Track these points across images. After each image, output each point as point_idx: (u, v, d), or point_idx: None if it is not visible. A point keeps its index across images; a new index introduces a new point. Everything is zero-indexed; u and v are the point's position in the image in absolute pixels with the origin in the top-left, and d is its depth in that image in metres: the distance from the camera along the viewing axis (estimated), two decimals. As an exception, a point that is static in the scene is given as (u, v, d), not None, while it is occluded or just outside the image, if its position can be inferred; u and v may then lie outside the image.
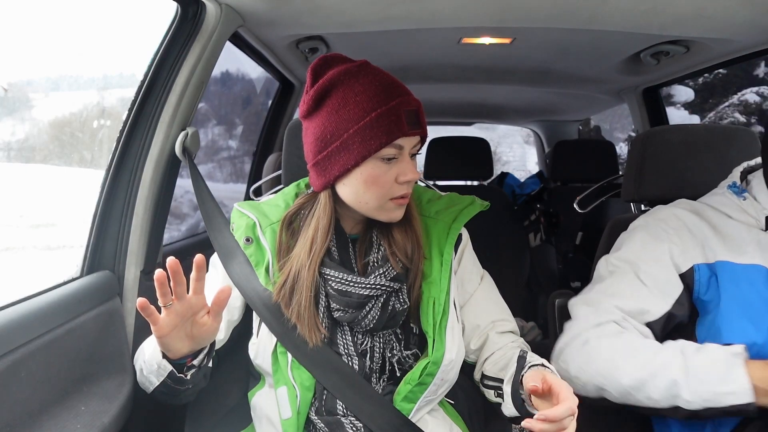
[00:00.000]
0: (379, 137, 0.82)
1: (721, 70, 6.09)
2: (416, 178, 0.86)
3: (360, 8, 1.28)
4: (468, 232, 1.03)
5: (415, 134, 0.85)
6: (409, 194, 0.89)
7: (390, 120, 0.82)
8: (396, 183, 0.86)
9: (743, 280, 0.92)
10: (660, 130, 1.25)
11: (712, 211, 1.01)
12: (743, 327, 0.89)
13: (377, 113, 0.82)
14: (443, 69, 2.06)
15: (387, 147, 0.83)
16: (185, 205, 2.65)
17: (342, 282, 0.88)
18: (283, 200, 0.98)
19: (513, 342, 0.98)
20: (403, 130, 0.82)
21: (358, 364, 0.90)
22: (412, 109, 0.84)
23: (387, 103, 0.82)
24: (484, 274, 1.04)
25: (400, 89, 0.86)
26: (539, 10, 1.28)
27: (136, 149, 1.16)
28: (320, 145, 0.86)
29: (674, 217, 1.01)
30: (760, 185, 0.99)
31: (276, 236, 0.93)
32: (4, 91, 2.16)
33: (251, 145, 2.75)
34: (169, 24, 1.16)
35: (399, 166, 0.85)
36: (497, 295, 1.03)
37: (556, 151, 2.72)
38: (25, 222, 2.63)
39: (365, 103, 0.82)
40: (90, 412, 0.93)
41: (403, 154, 0.85)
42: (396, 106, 0.82)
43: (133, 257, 1.15)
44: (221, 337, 0.95)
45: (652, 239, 1.00)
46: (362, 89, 0.83)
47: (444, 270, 0.92)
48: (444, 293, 0.91)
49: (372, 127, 0.82)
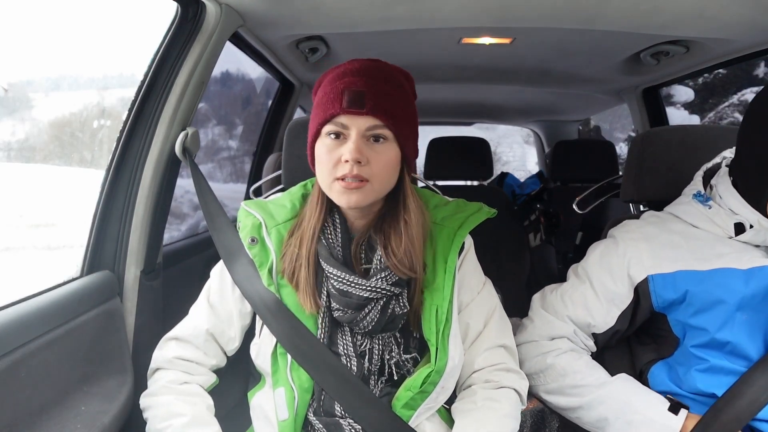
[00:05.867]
0: (319, 115, 0.86)
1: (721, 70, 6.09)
2: (353, 157, 0.82)
3: (360, 8, 1.28)
4: (469, 233, 1.02)
5: (356, 113, 0.83)
6: (361, 180, 0.84)
7: (329, 98, 0.85)
8: (341, 163, 0.85)
9: (710, 284, 0.95)
10: (659, 131, 1.25)
11: (679, 222, 1.04)
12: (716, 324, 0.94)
13: (323, 92, 0.86)
14: (443, 69, 2.06)
15: (328, 124, 0.85)
16: (185, 205, 2.65)
17: (343, 282, 0.88)
18: (290, 201, 0.97)
19: (486, 382, 0.95)
20: (338, 108, 0.84)
21: (357, 365, 0.90)
22: (356, 89, 0.84)
23: (333, 83, 0.86)
24: (485, 282, 1.02)
25: (358, 71, 0.86)
26: (539, 10, 1.28)
27: (136, 149, 1.16)
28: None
29: (637, 229, 1.05)
30: (727, 190, 0.99)
31: (281, 238, 0.93)
32: (4, 91, 2.16)
33: (251, 145, 2.76)
34: (169, 24, 1.16)
35: (345, 146, 0.85)
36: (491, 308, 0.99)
37: (556, 151, 2.72)
38: (25, 222, 2.63)
39: (323, 87, 0.88)
40: (90, 412, 0.93)
41: (350, 134, 0.84)
42: (338, 85, 0.85)
43: (133, 257, 1.15)
44: (235, 345, 0.97)
45: (609, 251, 1.06)
46: (331, 77, 0.88)
47: (447, 277, 0.91)
48: (447, 301, 0.90)
49: (318, 105, 0.87)
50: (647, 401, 0.96)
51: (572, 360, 1.03)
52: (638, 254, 1.02)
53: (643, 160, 1.20)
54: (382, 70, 0.88)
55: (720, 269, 0.95)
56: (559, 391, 1.03)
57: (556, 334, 1.06)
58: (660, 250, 1.00)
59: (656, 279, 0.99)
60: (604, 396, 0.98)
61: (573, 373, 1.02)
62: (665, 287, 0.99)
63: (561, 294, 1.09)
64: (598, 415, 0.99)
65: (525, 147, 7.19)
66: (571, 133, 3.62)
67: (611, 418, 0.97)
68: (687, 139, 1.18)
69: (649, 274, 1.00)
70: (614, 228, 1.10)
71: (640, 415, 0.95)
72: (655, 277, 0.99)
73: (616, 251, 1.04)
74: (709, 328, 0.95)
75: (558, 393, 1.04)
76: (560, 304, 1.07)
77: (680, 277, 0.98)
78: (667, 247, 1.00)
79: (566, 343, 1.06)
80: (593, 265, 1.06)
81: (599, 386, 1.00)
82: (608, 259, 1.05)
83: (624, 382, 1.00)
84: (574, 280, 1.10)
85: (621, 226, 1.09)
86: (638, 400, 0.97)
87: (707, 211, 1.00)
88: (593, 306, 1.04)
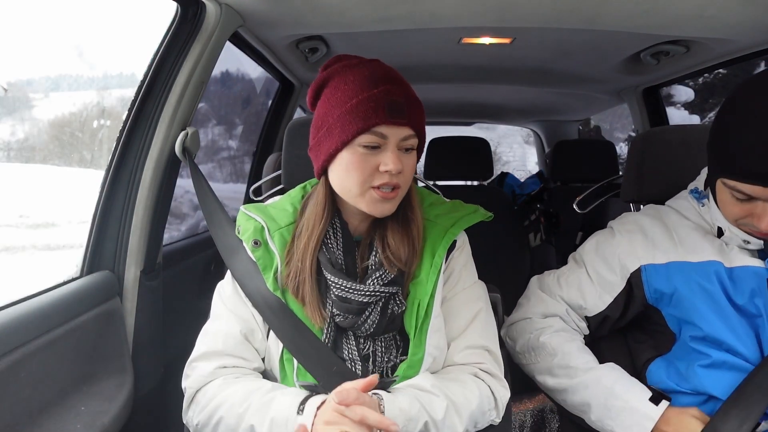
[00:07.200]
0: (356, 123, 0.82)
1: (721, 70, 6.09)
2: (396, 168, 0.83)
3: (360, 8, 1.28)
4: (468, 234, 1.02)
5: (397, 124, 0.83)
6: (398, 189, 0.86)
7: (369, 107, 0.82)
8: (378, 172, 0.84)
9: (699, 276, 0.98)
10: (659, 131, 1.25)
11: (675, 214, 1.07)
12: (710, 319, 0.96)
13: (358, 99, 0.82)
14: (443, 69, 2.06)
15: (366, 134, 0.82)
16: (185, 205, 2.65)
17: (342, 288, 0.88)
18: (291, 203, 0.97)
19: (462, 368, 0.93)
20: (381, 118, 0.82)
21: (362, 368, 0.89)
22: (396, 99, 0.83)
23: (369, 90, 0.83)
24: (476, 284, 1.00)
25: (390, 79, 0.85)
26: (539, 10, 1.28)
27: (136, 149, 1.16)
28: (314, 132, 0.88)
29: (633, 221, 1.09)
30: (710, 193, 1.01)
31: (285, 241, 0.92)
32: (4, 91, 2.16)
33: (251, 145, 2.75)
34: (169, 24, 1.16)
35: (382, 156, 0.84)
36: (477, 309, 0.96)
37: (556, 151, 2.72)
38: (25, 222, 2.63)
39: (350, 90, 0.84)
40: (90, 412, 0.93)
41: (388, 144, 0.84)
42: (377, 94, 0.82)
43: (133, 257, 1.15)
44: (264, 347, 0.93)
45: (605, 241, 1.10)
46: (353, 78, 0.85)
47: (432, 272, 0.91)
48: (428, 296, 0.89)
49: (351, 113, 0.82)
50: (630, 389, 0.99)
51: (564, 341, 1.07)
52: (632, 245, 1.05)
53: (643, 160, 1.20)
54: (401, 76, 0.89)
55: (708, 261, 0.98)
56: (548, 371, 1.07)
57: (550, 312, 1.11)
58: (654, 242, 1.04)
59: (648, 269, 1.02)
60: (589, 380, 1.01)
61: (563, 354, 1.05)
62: (658, 278, 1.01)
63: (558, 276, 1.14)
64: (581, 399, 1.02)
65: (525, 147, 7.18)
66: (571, 133, 3.62)
67: (593, 404, 1.00)
68: (687, 139, 1.17)
69: (642, 264, 1.03)
70: (613, 221, 1.14)
71: (621, 402, 0.97)
72: (647, 267, 1.02)
73: (612, 241, 1.08)
74: (702, 322, 0.96)
75: (547, 373, 1.07)
76: (555, 285, 1.13)
77: (672, 268, 1.00)
78: (661, 239, 1.03)
79: (558, 322, 1.10)
80: (590, 252, 1.11)
81: (586, 370, 1.03)
82: (603, 248, 1.09)
83: (610, 369, 1.03)
84: (572, 263, 1.15)
85: (619, 219, 1.13)
86: (621, 388, 0.99)
87: (699, 208, 1.03)
88: (586, 290, 1.08)
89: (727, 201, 0.93)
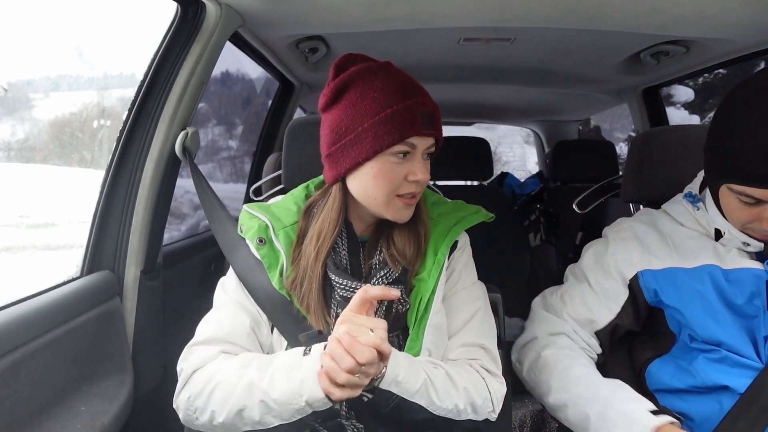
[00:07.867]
0: (392, 133, 0.83)
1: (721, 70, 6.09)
2: (426, 179, 0.86)
3: (360, 8, 1.28)
4: (468, 234, 1.02)
5: (428, 135, 0.86)
6: (417, 195, 0.89)
7: (404, 118, 0.83)
8: (405, 181, 0.86)
9: (695, 281, 0.97)
10: (659, 131, 1.25)
11: (669, 220, 1.07)
12: (706, 323, 0.95)
13: (393, 110, 0.83)
14: (443, 69, 2.06)
15: (399, 144, 0.83)
16: (185, 205, 2.65)
17: (346, 288, 0.88)
18: (294, 203, 0.97)
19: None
20: (416, 129, 0.83)
21: None
22: (428, 110, 0.85)
23: (403, 101, 0.83)
24: (476, 284, 1.00)
25: (419, 90, 0.87)
26: (539, 10, 1.28)
27: (136, 149, 1.16)
28: (334, 137, 0.87)
29: (628, 228, 1.08)
30: (708, 196, 1.02)
31: (290, 240, 0.92)
32: (4, 91, 2.16)
33: (251, 145, 2.75)
34: (169, 24, 1.16)
35: (410, 165, 0.86)
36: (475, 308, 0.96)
37: (556, 151, 2.72)
38: (25, 222, 2.63)
39: (382, 99, 0.83)
40: (90, 412, 0.93)
41: (416, 153, 0.86)
42: (412, 105, 0.83)
43: (133, 257, 1.15)
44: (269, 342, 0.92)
45: (601, 250, 1.09)
46: (381, 86, 0.84)
47: (434, 269, 0.92)
48: (429, 292, 0.90)
49: (386, 123, 0.83)
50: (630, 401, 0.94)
51: (565, 356, 1.03)
52: (628, 252, 1.05)
53: (643, 160, 1.20)
54: None
55: (704, 266, 0.98)
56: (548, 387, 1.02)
57: (555, 331, 1.08)
58: (649, 248, 1.04)
59: (645, 275, 1.02)
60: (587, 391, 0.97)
61: (564, 366, 1.01)
62: (656, 283, 1.01)
63: (561, 294, 1.12)
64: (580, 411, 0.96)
65: (525, 147, 7.18)
66: (571, 133, 3.62)
67: (591, 414, 0.94)
68: (687, 139, 1.18)
69: (639, 271, 1.03)
70: (607, 227, 1.14)
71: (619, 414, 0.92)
72: (644, 273, 1.02)
73: (607, 250, 1.08)
74: (699, 327, 0.96)
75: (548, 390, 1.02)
76: (560, 303, 1.10)
77: (669, 273, 1.00)
78: (656, 245, 1.03)
79: (564, 340, 1.07)
80: (588, 264, 1.10)
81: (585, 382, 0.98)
82: (600, 258, 1.08)
83: (611, 381, 0.98)
84: (572, 280, 1.13)
85: (613, 225, 1.12)
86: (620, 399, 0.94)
87: (695, 212, 1.03)
88: (591, 302, 1.07)
89: (734, 206, 0.92)
